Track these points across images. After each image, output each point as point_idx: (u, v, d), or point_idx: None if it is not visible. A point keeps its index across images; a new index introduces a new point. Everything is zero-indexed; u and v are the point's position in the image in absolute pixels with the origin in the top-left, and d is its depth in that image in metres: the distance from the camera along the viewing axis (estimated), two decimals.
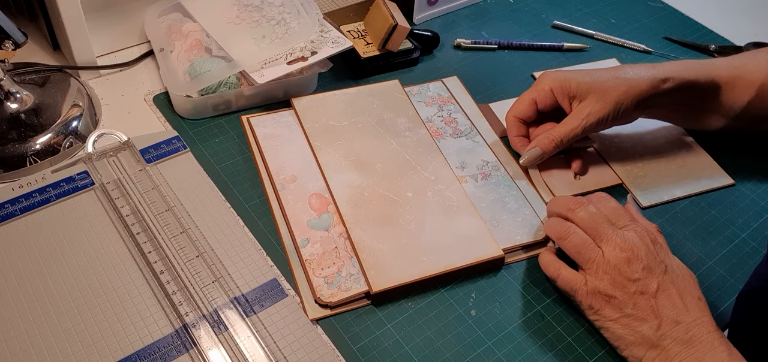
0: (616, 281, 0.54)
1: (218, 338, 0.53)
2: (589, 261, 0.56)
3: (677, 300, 0.53)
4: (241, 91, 0.72)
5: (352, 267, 0.59)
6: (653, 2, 0.98)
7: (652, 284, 0.53)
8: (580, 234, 0.57)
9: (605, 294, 0.54)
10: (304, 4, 0.78)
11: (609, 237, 0.55)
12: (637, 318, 0.53)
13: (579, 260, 0.57)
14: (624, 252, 0.54)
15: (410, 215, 0.63)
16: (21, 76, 0.72)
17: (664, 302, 0.53)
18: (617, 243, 0.55)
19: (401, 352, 0.55)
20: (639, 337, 0.53)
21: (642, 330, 0.53)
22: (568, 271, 0.57)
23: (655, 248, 0.55)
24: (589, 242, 0.56)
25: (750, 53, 0.72)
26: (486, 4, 0.95)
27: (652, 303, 0.53)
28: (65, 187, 0.62)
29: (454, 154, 0.71)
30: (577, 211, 0.58)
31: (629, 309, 0.53)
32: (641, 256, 0.54)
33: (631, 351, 0.53)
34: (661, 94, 0.67)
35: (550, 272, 0.59)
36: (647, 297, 0.53)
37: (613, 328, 0.54)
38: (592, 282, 0.55)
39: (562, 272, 0.57)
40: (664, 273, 0.54)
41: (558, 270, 0.58)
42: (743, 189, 0.71)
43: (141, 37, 0.81)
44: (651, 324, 0.52)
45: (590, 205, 0.58)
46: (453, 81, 0.81)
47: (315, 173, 0.67)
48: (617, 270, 0.54)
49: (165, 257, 0.57)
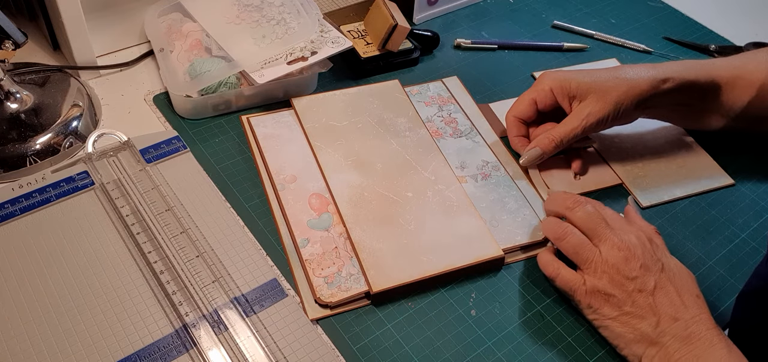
0: (614, 280, 0.54)
1: (218, 338, 0.53)
2: (587, 261, 0.56)
3: (675, 298, 0.53)
4: (241, 91, 0.72)
5: (352, 267, 0.59)
6: (653, 2, 0.98)
7: (649, 282, 0.53)
8: (577, 234, 0.57)
9: (604, 292, 0.54)
10: (304, 4, 0.78)
11: (606, 237, 0.56)
12: (636, 315, 0.53)
13: (577, 260, 0.57)
14: (621, 251, 0.55)
15: (410, 215, 0.63)
16: (21, 76, 0.72)
17: (662, 299, 0.53)
18: (615, 243, 0.55)
19: (401, 352, 0.55)
20: (638, 335, 0.53)
21: (641, 328, 0.53)
22: (566, 271, 0.57)
23: (651, 247, 0.56)
24: (586, 242, 0.57)
25: (750, 53, 0.72)
26: (486, 4, 0.95)
27: (650, 301, 0.53)
28: (65, 187, 0.62)
29: (454, 154, 0.71)
30: (575, 211, 0.58)
31: (628, 307, 0.53)
32: (638, 255, 0.54)
33: (631, 349, 0.53)
34: (661, 95, 0.67)
35: (548, 271, 0.59)
36: (645, 295, 0.53)
37: (612, 327, 0.54)
38: (591, 281, 0.55)
39: (561, 272, 0.57)
40: (662, 271, 0.54)
41: (557, 269, 0.58)
42: (743, 189, 0.71)
43: (141, 37, 0.81)
44: (650, 321, 0.52)
45: (588, 205, 0.59)
46: (453, 81, 0.81)
47: (315, 173, 0.67)
48: (615, 268, 0.54)
49: (165, 257, 0.57)
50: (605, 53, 0.88)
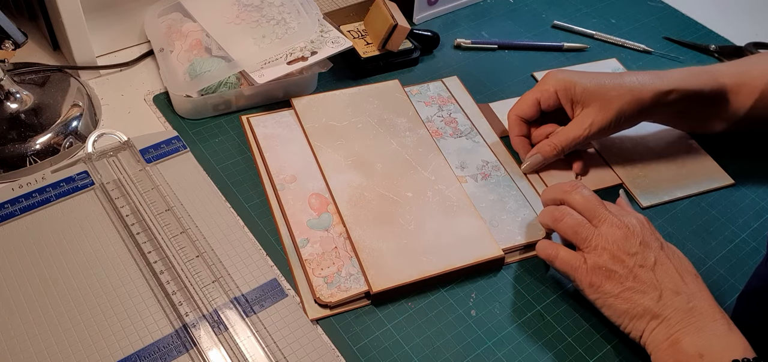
0: (615, 256, 0.54)
1: (218, 338, 0.53)
2: (587, 239, 0.56)
3: (675, 275, 0.54)
4: (241, 91, 0.72)
5: (351, 267, 0.59)
6: (653, 2, 0.98)
7: (650, 257, 0.54)
8: (576, 215, 0.58)
9: (605, 268, 0.54)
10: (304, 4, 0.78)
11: (605, 217, 0.56)
12: (638, 291, 0.53)
13: (576, 239, 0.57)
14: (621, 230, 0.55)
15: (410, 215, 0.63)
16: (21, 76, 0.72)
17: (662, 275, 0.54)
18: (614, 222, 0.56)
19: (401, 352, 0.55)
20: (641, 310, 0.53)
21: (643, 303, 0.53)
22: (566, 251, 0.57)
23: (649, 227, 0.57)
24: (585, 222, 0.57)
25: (754, 58, 0.72)
26: (486, 4, 0.95)
27: (651, 276, 0.53)
28: (65, 187, 0.62)
29: (454, 154, 0.71)
30: (573, 194, 0.59)
31: (630, 283, 0.54)
32: (637, 232, 0.55)
33: (634, 325, 0.54)
34: (664, 104, 0.67)
35: (548, 253, 0.58)
36: (646, 270, 0.54)
37: (615, 304, 0.54)
38: (592, 258, 0.55)
39: (561, 253, 0.57)
40: (661, 249, 0.55)
41: (556, 251, 0.58)
42: (743, 189, 0.71)
43: (141, 37, 0.81)
44: (652, 296, 0.53)
45: (584, 189, 0.59)
46: (453, 81, 0.81)
47: (315, 173, 0.67)
48: (616, 245, 0.55)
49: (165, 257, 0.57)
50: (605, 53, 0.88)
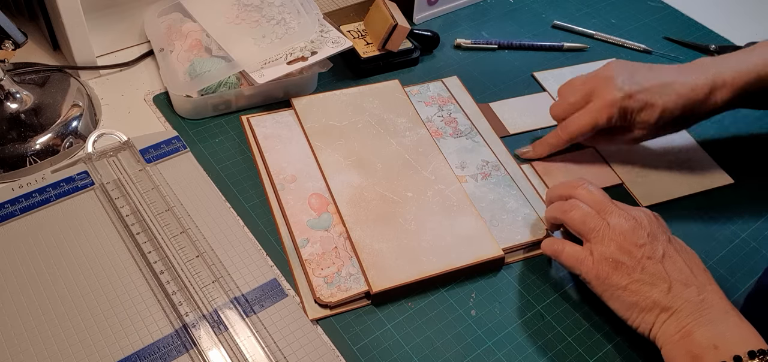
0: (622, 246, 0.54)
1: (218, 338, 0.53)
2: (595, 230, 0.55)
3: (684, 267, 0.53)
4: (241, 91, 0.72)
5: (351, 267, 0.59)
6: (653, 2, 0.98)
7: (658, 249, 0.53)
8: (584, 206, 0.57)
9: (613, 259, 0.54)
10: (304, 4, 0.78)
11: (613, 210, 0.56)
12: (647, 282, 0.52)
13: (584, 230, 0.56)
14: (628, 221, 0.55)
15: (410, 215, 0.63)
16: (21, 76, 0.72)
17: (671, 267, 0.53)
18: (621, 214, 0.55)
19: (401, 352, 0.55)
20: (650, 302, 0.52)
21: (652, 295, 0.52)
22: (572, 245, 0.57)
23: (657, 221, 0.56)
24: (593, 212, 0.56)
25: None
26: (486, 4, 0.95)
27: (659, 268, 0.53)
28: (65, 187, 0.62)
29: (454, 154, 0.71)
30: (580, 189, 0.58)
31: (638, 274, 0.53)
32: (645, 225, 0.54)
33: (643, 319, 0.53)
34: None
35: (553, 248, 0.58)
36: (654, 262, 0.53)
37: (623, 297, 0.53)
38: (598, 249, 0.54)
39: (566, 247, 0.57)
40: (669, 242, 0.55)
41: (562, 245, 0.57)
42: (743, 189, 0.71)
43: (141, 37, 0.81)
44: (661, 288, 0.52)
45: (591, 185, 0.59)
46: (453, 81, 0.81)
47: (315, 173, 0.67)
48: (623, 236, 0.54)
49: (165, 257, 0.57)
50: (605, 53, 0.88)
